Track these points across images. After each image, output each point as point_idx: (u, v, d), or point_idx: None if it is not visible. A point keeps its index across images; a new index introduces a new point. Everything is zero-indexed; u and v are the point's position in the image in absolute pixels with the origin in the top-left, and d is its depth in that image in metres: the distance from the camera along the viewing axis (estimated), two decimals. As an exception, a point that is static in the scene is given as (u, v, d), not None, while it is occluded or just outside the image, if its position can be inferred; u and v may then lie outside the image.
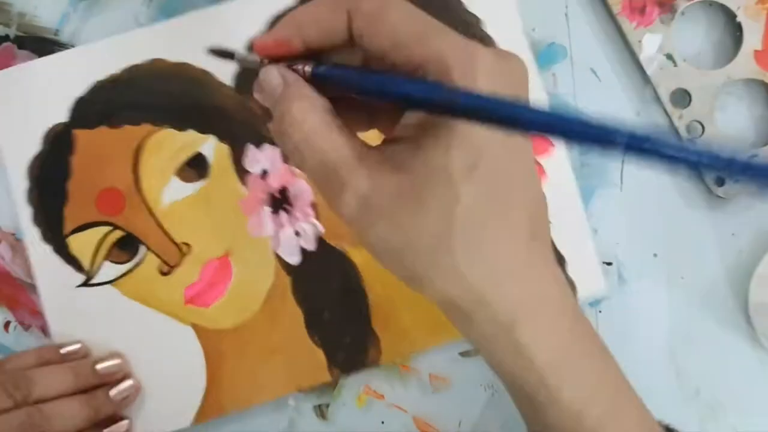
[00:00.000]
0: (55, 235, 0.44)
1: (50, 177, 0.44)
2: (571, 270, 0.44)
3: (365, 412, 0.44)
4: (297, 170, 0.44)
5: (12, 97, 0.44)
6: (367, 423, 0.44)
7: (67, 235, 0.44)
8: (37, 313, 0.44)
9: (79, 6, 0.46)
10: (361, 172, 0.27)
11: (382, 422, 0.44)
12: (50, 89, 0.44)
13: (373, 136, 0.30)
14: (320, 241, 0.44)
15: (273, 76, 0.28)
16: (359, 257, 0.44)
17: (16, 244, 0.45)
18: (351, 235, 0.44)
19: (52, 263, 0.44)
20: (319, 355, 0.43)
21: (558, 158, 0.44)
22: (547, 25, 0.46)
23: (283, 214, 0.44)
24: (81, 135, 0.44)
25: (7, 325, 0.44)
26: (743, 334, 0.44)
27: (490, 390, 0.44)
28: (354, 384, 0.44)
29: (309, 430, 0.44)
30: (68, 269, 0.44)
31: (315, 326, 0.44)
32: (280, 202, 0.44)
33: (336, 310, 0.44)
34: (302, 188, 0.44)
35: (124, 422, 0.42)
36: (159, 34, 0.44)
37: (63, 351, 0.42)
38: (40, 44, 0.45)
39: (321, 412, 0.44)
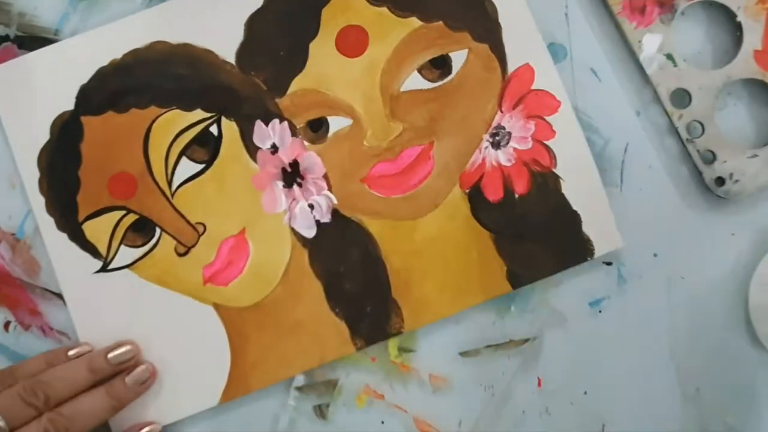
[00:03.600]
0: (69, 222, 0.44)
1: (61, 165, 0.44)
2: (587, 227, 0.44)
3: (365, 412, 0.44)
4: (307, 143, 0.44)
5: (16, 89, 0.44)
6: (367, 423, 0.44)
7: (81, 222, 0.44)
8: (37, 313, 0.44)
9: (79, 6, 0.46)
10: None
11: (382, 422, 0.44)
12: (54, 79, 0.44)
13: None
14: (335, 212, 0.44)
15: None
16: (375, 227, 0.44)
17: (16, 244, 0.45)
18: (365, 204, 0.44)
19: (69, 251, 0.44)
20: (342, 326, 0.44)
21: (565, 115, 0.45)
22: (547, 25, 0.46)
23: (296, 188, 0.44)
24: (89, 122, 0.44)
25: (7, 325, 0.44)
26: (743, 334, 0.44)
27: (490, 390, 0.44)
28: (354, 384, 0.44)
29: (309, 430, 0.44)
30: (85, 256, 0.44)
31: (335, 298, 0.44)
32: (293, 176, 0.44)
33: (355, 280, 0.44)
34: (313, 161, 0.44)
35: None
36: (158, 16, 0.45)
37: (71, 353, 0.42)
38: (40, 44, 0.45)
39: (321, 412, 0.44)
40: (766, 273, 0.43)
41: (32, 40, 0.45)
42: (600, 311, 0.45)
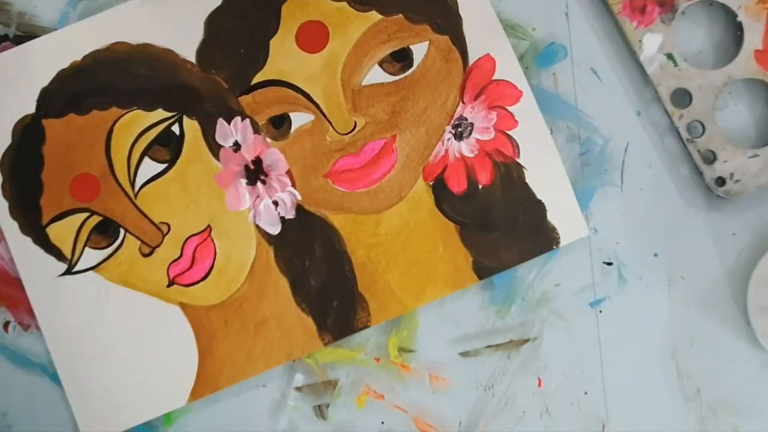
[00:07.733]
0: (33, 226, 0.44)
1: (23, 169, 0.44)
2: (552, 216, 0.44)
3: (365, 412, 0.44)
4: (270, 139, 0.44)
5: None
6: (367, 423, 0.44)
7: (45, 225, 0.44)
8: (37, 313, 0.44)
9: (79, 6, 0.46)
10: None
11: (382, 422, 0.44)
12: (14, 82, 0.44)
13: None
14: (299, 208, 0.44)
15: None
16: (339, 221, 0.44)
17: None
18: (329, 199, 0.44)
19: (34, 254, 0.44)
20: (309, 322, 0.44)
21: (527, 104, 0.45)
22: (547, 25, 0.46)
23: (259, 185, 0.44)
24: (50, 125, 0.44)
25: (6, 325, 0.44)
26: (743, 334, 0.44)
27: (490, 390, 0.44)
28: (354, 384, 0.44)
29: (309, 430, 0.44)
30: (50, 259, 0.44)
31: (302, 294, 0.44)
32: (256, 173, 0.44)
33: (321, 276, 0.44)
34: (276, 157, 0.44)
35: None
36: (117, 17, 0.45)
37: None
38: (40, 44, 0.45)
39: (321, 412, 0.44)
40: (766, 273, 0.43)
41: (32, 39, 0.45)
42: (600, 311, 0.45)
